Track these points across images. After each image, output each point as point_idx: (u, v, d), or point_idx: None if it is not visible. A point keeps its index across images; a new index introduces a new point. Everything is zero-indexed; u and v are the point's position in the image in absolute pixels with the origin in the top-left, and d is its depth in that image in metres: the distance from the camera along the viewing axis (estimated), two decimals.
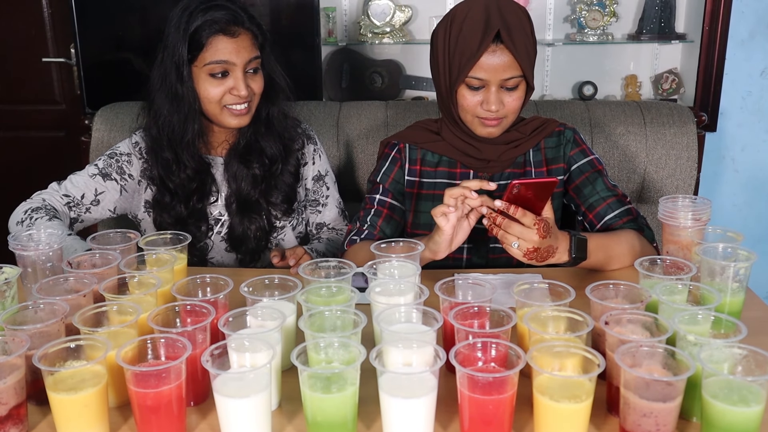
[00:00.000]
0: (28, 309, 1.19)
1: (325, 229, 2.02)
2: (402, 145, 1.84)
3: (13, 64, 3.36)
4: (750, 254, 1.34)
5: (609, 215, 1.71)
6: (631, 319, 1.15)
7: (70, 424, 1.07)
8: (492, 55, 1.61)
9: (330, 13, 3.08)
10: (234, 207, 1.88)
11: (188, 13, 1.72)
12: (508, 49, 1.61)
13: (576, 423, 1.03)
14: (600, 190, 1.74)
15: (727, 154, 3.20)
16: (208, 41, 1.71)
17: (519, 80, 1.65)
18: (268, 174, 1.88)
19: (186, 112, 1.76)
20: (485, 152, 1.76)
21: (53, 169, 3.33)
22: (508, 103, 1.66)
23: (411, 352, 1.09)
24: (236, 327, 1.16)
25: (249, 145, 1.86)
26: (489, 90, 1.64)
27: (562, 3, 3.16)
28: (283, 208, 1.91)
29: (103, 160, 1.86)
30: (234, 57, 1.73)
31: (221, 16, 1.71)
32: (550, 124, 1.82)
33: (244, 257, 1.92)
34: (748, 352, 1.03)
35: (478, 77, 1.62)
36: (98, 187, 1.83)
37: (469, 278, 1.31)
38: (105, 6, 2.89)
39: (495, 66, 1.61)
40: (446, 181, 1.81)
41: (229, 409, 1.03)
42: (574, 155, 1.80)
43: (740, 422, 1.00)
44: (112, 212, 1.87)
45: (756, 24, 3.04)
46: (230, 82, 1.74)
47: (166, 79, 1.75)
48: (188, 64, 1.73)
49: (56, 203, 1.79)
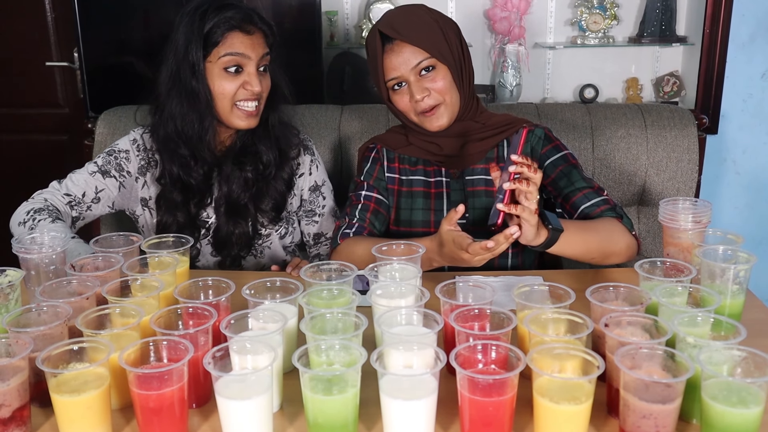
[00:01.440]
0: (32, 311, 1.20)
1: (323, 239, 2.01)
2: (380, 146, 1.90)
3: (16, 68, 3.37)
4: (750, 256, 1.34)
5: (585, 204, 1.70)
6: (630, 321, 1.15)
7: (73, 426, 1.07)
8: (391, 53, 1.73)
9: (332, 16, 3.09)
10: (222, 209, 1.88)
11: (201, 12, 1.73)
12: (401, 41, 1.71)
13: (576, 425, 1.03)
14: (575, 181, 1.74)
15: (729, 157, 3.20)
16: (224, 37, 1.73)
17: (430, 62, 1.72)
18: (260, 178, 1.88)
19: (203, 109, 1.76)
20: (445, 148, 1.81)
21: (56, 172, 3.32)
22: (432, 87, 1.73)
23: (412, 354, 1.09)
24: (238, 329, 1.17)
25: (245, 147, 1.87)
26: (410, 83, 1.73)
27: (563, 6, 3.16)
28: (271, 216, 1.91)
29: (102, 157, 1.87)
30: (250, 51, 1.75)
31: (236, 14, 1.74)
32: (520, 123, 1.84)
33: (224, 261, 1.92)
34: (748, 353, 1.03)
35: (392, 77, 1.75)
36: (98, 185, 1.84)
37: (469, 281, 1.32)
38: (108, 10, 2.90)
39: (399, 61, 1.73)
40: (423, 178, 1.86)
41: (230, 411, 1.04)
42: (546, 152, 1.80)
43: (740, 424, 1.00)
44: (110, 208, 1.88)
45: (756, 27, 3.04)
46: (244, 77, 1.75)
47: (179, 77, 1.75)
48: (203, 60, 1.74)
49: (58, 203, 1.79)
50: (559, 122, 2.34)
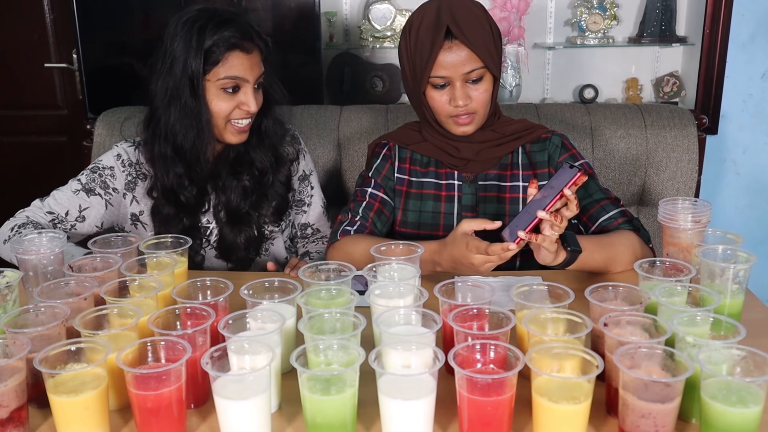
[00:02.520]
0: (30, 312, 1.19)
1: (309, 230, 2.01)
2: (392, 144, 1.88)
3: (15, 70, 3.37)
4: (749, 256, 1.34)
5: (603, 217, 1.70)
6: (630, 320, 1.15)
7: (70, 427, 1.07)
8: (448, 51, 1.66)
9: (331, 17, 3.09)
10: (222, 216, 1.87)
11: (199, 26, 1.69)
12: (463, 43, 1.65)
13: (575, 424, 1.03)
14: (593, 193, 1.74)
15: (729, 157, 3.20)
16: (224, 56, 1.70)
17: (481, 72, 1.68)
18: (258, 186, 1.87)
19: (201, 127, 1.73)
20: (463, 151, 1.79)
21: (55, 173, 3.33)
22: (475, 97, 1.69)
23: (410, 354, 1.09)
24: (236, 329, 1.17)
25: (239, 156, 1.85)
26: (454, 86, 1.68)
27: (562, 6, 3.16)
28: (272, 219, 1.92)
29: (86, 175, 1.83)
30: (248, 73, 1.73)
31: (235, 33, 1.70)
32: (537, 129, 1.83)
33: (235, 266, 1.92)
34: (747, 353, 1.03)
35: (440, 75, 1.67)
36: (82, 203, 1.80)
37: (468, 280, 1.31)
38: (107, 11, 2.91)
39: (453, 62, 1.66)
40: (434, 181, 1.83)
41: (229, 412, 1.04)
42: (563, 161, 1.80)
43: (739, 423, 1.00)
44: (99, 228, 1.84)
45: (756, 27, 3.04)
46: (240, 98, 1.74)
47: (177, 93, 1.71)
48: (202, 78, 1.71)
49: (41, 220, 1.76)
50: (558, 122, 2.34)
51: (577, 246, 1.48)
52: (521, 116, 2.25)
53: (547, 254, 1.44)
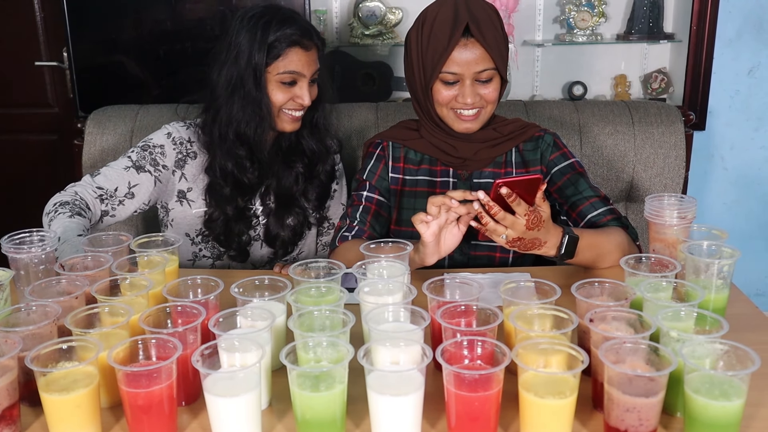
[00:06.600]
0: (21, 311, 1.20)
1: (327, 224, 2.09)
2: (385, 143, 1.89)
3: (5, 68, 3.35)
4: (734, 251, 1.36)
5: (592, 213, 1.73)
6: (615, 316, 1.16)
7: (62, 425, 1.08)
8: (463, 49, 1.66)
9: (321, 15, 3.10)
10: (271, 201, 1.96)
11: (264, 22, 1.80)
12: (478, 42, 1.65)
13: (561, 418, 1.04)
14: (582, 190, 1.76)
15: (716, 153, 3.22)
16: (285, 51, 1.80)
17: (492, 72, 1.69)
18: (309, 173, 1.98)
19: (263, 115, 1.84)
20: (461, 150, 1.79)
21: (46, 172, 3.35)
22: (485, 95, 1.70)
23: (398, 351, 1.10)
24: (226, 327, 1.18)
25: (292, 146, 1.96)
26: (464, 84, 1.69)
27: (551, 4, 3.17)
28: (316, 204, 2.02)
29: (137, 152, 1.89)
30: (305, 69, 1.83)
31: (297, 30, 1.80)
32: (531, 128, 1.84)
33: (278, 251, 2.00)
34: (730, 347, 1.05)
35: (452, 71, 1.67)
36: (132, 180, 1.86)
37: (456, 278, 1.33)
38: (97, 9, 2.90)
39: (467, 59, 1.66)
40: (428, 178, 1.84)
41: (219, 409, 1.05)
42: (554, 159, 1.82)
43: (722, 416, 1.02)
44: (146, 205, 1.90)
45: (743, 23, 3.06)
46: (296, 91, 1.83)
47: (241, 82, 1.82)
48: (264, 70, 1.81)
49: (88, 196, 1.80)
50: (547, 119, 2.35)
51: (570, 255, 1.53)
52: (510, 113, 2.26)
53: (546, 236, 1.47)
